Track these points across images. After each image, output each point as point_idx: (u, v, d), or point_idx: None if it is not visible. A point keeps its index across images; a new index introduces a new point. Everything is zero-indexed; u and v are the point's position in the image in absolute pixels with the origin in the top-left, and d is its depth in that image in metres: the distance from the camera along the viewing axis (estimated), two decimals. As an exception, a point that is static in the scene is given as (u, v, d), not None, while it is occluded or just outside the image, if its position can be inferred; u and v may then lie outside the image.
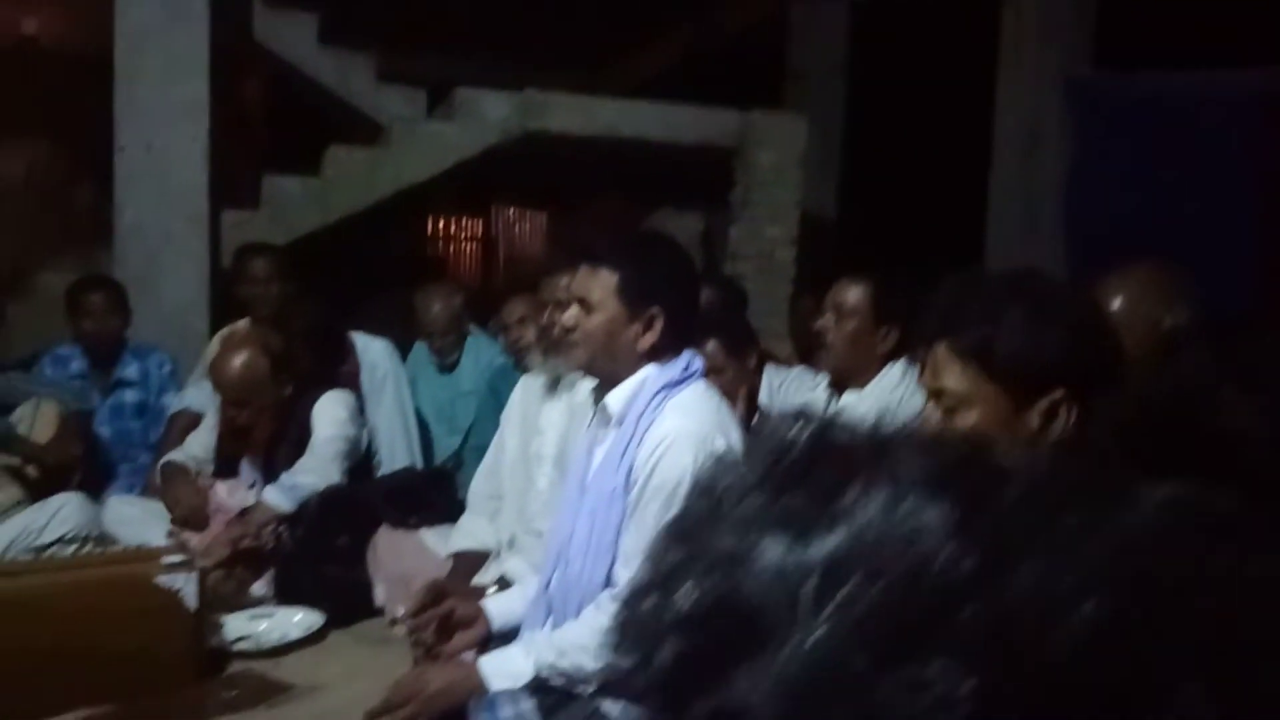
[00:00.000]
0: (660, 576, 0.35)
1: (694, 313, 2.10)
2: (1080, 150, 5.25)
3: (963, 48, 5.67)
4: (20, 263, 5.75)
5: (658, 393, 1.93)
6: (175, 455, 3.21)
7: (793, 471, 0.34)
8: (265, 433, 3.04)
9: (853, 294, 2.67)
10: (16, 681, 2.19)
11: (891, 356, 2.66)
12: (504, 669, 1.92)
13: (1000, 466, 0.33)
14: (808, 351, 3.62)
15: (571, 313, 2.01)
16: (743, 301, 3.82)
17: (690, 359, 1.99)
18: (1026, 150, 5.34)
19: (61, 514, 2.84)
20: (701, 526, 0.35)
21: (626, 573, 1.85)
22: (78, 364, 3.69)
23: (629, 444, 1.91)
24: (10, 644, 2.21)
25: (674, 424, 1.88)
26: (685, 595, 0.33)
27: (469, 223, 11.10)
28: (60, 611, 2.28)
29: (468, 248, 11.05)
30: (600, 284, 1.97)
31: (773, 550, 0.31)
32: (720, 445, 1.87)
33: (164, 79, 4.27)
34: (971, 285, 1.36)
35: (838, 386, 2.78)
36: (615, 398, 1.98)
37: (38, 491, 3.13)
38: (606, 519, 1.90)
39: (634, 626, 0.35)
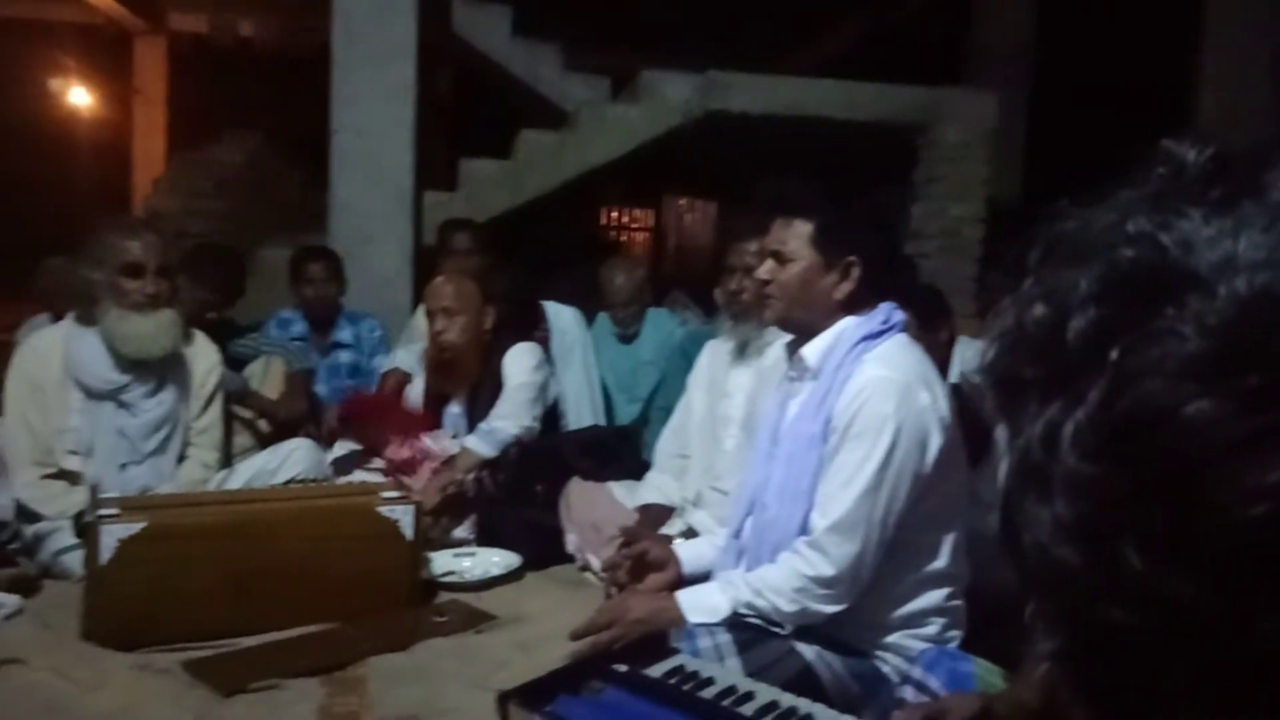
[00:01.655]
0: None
1: (891, 264, 2.09)
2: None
3: (1160, 20, 5.37)
4: (245, 241, 6.28)
5: (856, 344, 1.92)
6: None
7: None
8: (469, 374, 3.25)
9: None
10: (256, 597, 2.45)
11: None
12: (701, 604, 1.97)
13: None
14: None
15: (766, 266, 2.01)
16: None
17: (890, 311, 1.97)
18: (1230, 128, 5.02)
19: (294, 457, 3.12)
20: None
21: (823, 520, 1.86)
22: (299, 327, 4.03)
23: (827, 394, 1.91)
24: (251, 563, 2.46)
25: (874, 373, 1.87)
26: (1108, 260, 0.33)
27: (641, 213, 11.33)
28: (294, 534, 2.52)
29: (640, 237, 11.27)
30: (795, 234, 1.97)
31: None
32: (924, 398, 1.87)
33: (375, 66, 4.60)
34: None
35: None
36: (812, 350, 1.98)
37: (267, 441, 3.45)
38: (803, 466, 1.92)
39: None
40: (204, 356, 3.10)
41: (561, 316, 3.91)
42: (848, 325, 1.96)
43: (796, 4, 6.29)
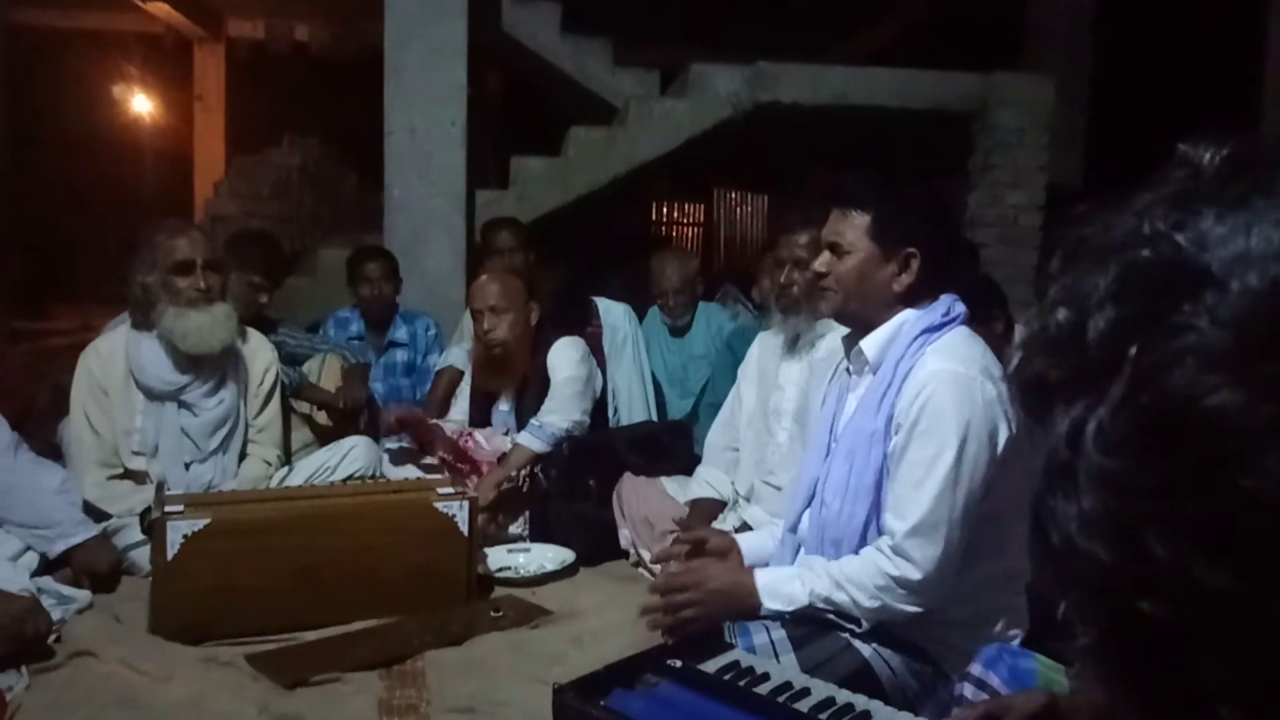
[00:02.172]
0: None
1: (951, 255, 2.01)
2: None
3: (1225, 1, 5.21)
4: (302, 242, 6.40)
5: (917, 337, 1.87)
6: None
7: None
8: (516, 371, 3.28)
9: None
10: (316, 591, 2.50)
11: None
12: (778, 590, 1.92)
13: None
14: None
15: (823, 259, 1.97)
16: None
17: (951, 303, 1.92)
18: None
19: (352, 454, 3.18)
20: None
21: (901, 523, 1.81)
22: (356, 326, 4.09)
23: (888, 389, 1.87)
24: (311, 558, 2.51)
25: (938, 366, 1.82)
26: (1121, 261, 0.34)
27: (691, 208, 11.30)
28: (353, 530, 2.57)
29: (690, 232, 11.25)
30: (852, 226, 1.93)
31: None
32: (990, 390, 1.81)
33: (426, 68, 4.65)
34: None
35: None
36: (871, 343, 1.94)
37: (325, 435, 3.51)
38: (864, 462, 1.88)
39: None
40: (261, 354, 3.17)
41: (613, 312, 3.93)
42: (908, 318, 1.92)
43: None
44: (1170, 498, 0.31)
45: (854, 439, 1.92)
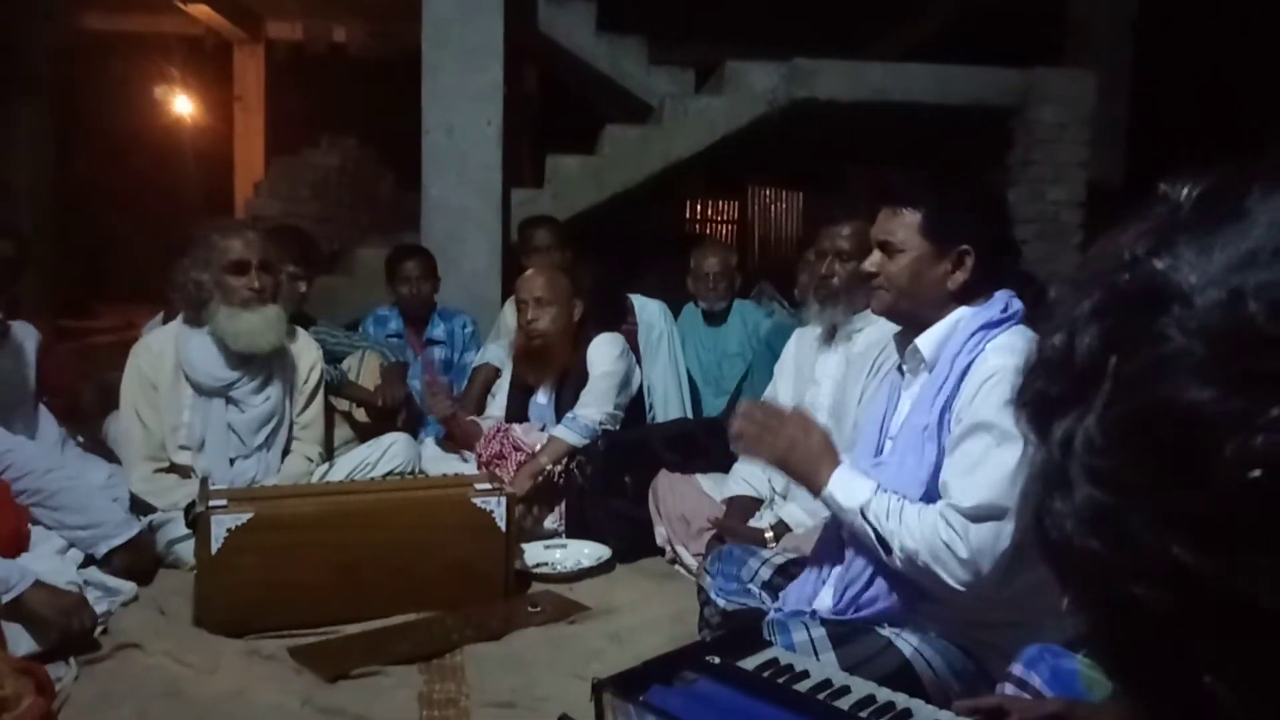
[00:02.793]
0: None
1: (1006, 250, 1.97)
2: None
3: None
4: (341, 241, 6.47)
5: (975, 333, 1.83)
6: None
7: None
8: (556, 364, 3.31)
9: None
10: (357, 585, 2.53)
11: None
12: (848, 484, 1.88)
13: None
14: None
15: (874, 258, 1.93)
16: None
17: (1009, 299, 1.87)
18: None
19: (391, 450, 3.21)
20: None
21: (960, 502, 1.77)
22: (395, 324, 4.13)
23: (944, 384, 1.84)
24: (352, 552, 2.54)
25: (1000, 362, 1.78)
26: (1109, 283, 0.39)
27: (725, 205, 11.28)
28: (392, 525, 2.60)
29: (724, 230, 11.23)
30: (903, 224, 1.89)
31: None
32: None
33: (463, 67, 4.68)
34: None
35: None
36: (927, 341, 1.90)
37: (364, 433, 3.55)
38: (918, 459, 1.85)
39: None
40: (307, 353, 3.21)
41: (648, 309, 3.93)
42: (964, 315, 1.88)
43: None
44: (1152, 488, 0.35)
45: (909, 436, 1.89)
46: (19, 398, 3.05)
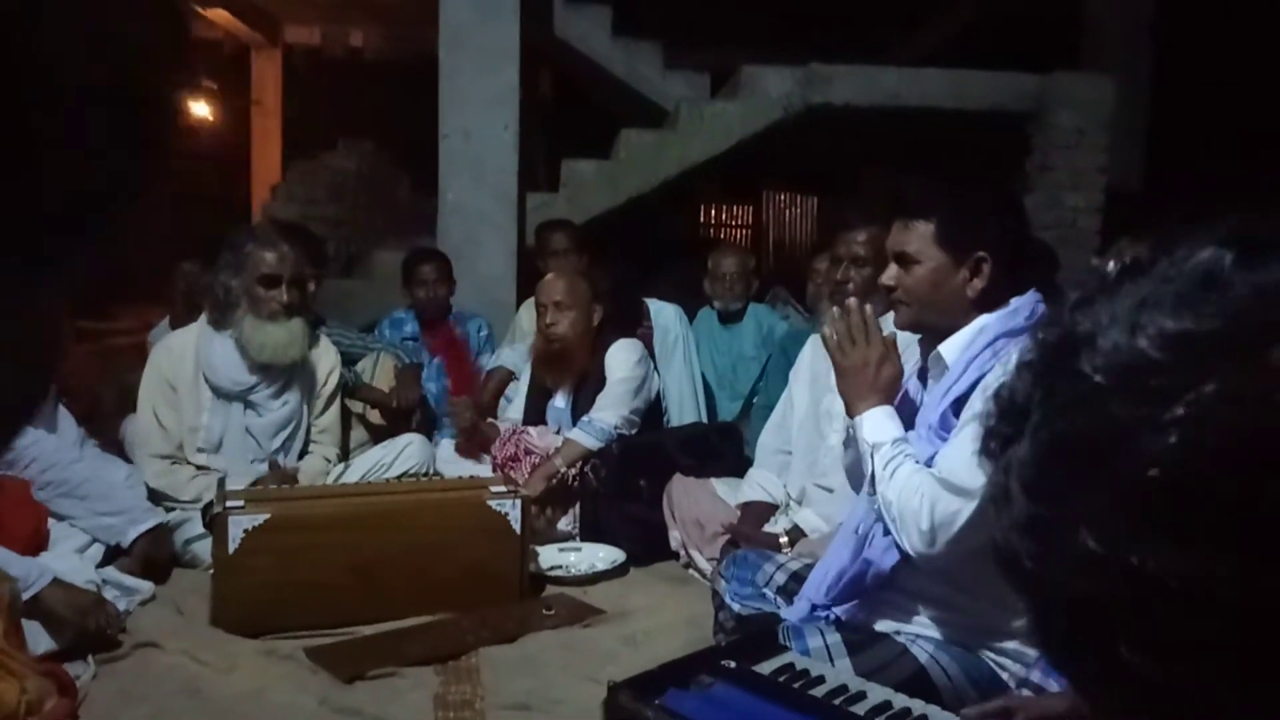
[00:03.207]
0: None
1: (1026, 254, 1.95)
2: None
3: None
4: (358, 244, 6.50)
5: (996, 339, 1.81)
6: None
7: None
8: (574, 368, 3.32)
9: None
10: (372, 586, 2.54)
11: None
12: (878, 422, 1.89)
13: None
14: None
15: (890, 272, 1.92)
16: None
17: (1034, 304, 1.86)
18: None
19: (406, 452, 3.23)
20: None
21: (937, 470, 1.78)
22: (410, 327, 4.14)
23: (953, 386, 1.83)
24: (367, 554, 2.55)
25: None
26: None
27: (740, 210, 11.28)
28: (408, 526, 2.61)
29: (739, 234, 11.22)
30: (917, 235, 1.88)
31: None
32: None
33: (479, 71, 4.69)
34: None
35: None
36: (949, 347, 1.89)
37: (378, 435, 3.56)
38: (921, 455, 1.84)
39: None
40: (326, 359, 3.23)
41: (663, 314, 3.94)
42: (988, 322, 1.86)
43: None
44: (1073, 493, 0.41)
45: (919, 434, 1.89)
46: (39, 398, 3.07)
